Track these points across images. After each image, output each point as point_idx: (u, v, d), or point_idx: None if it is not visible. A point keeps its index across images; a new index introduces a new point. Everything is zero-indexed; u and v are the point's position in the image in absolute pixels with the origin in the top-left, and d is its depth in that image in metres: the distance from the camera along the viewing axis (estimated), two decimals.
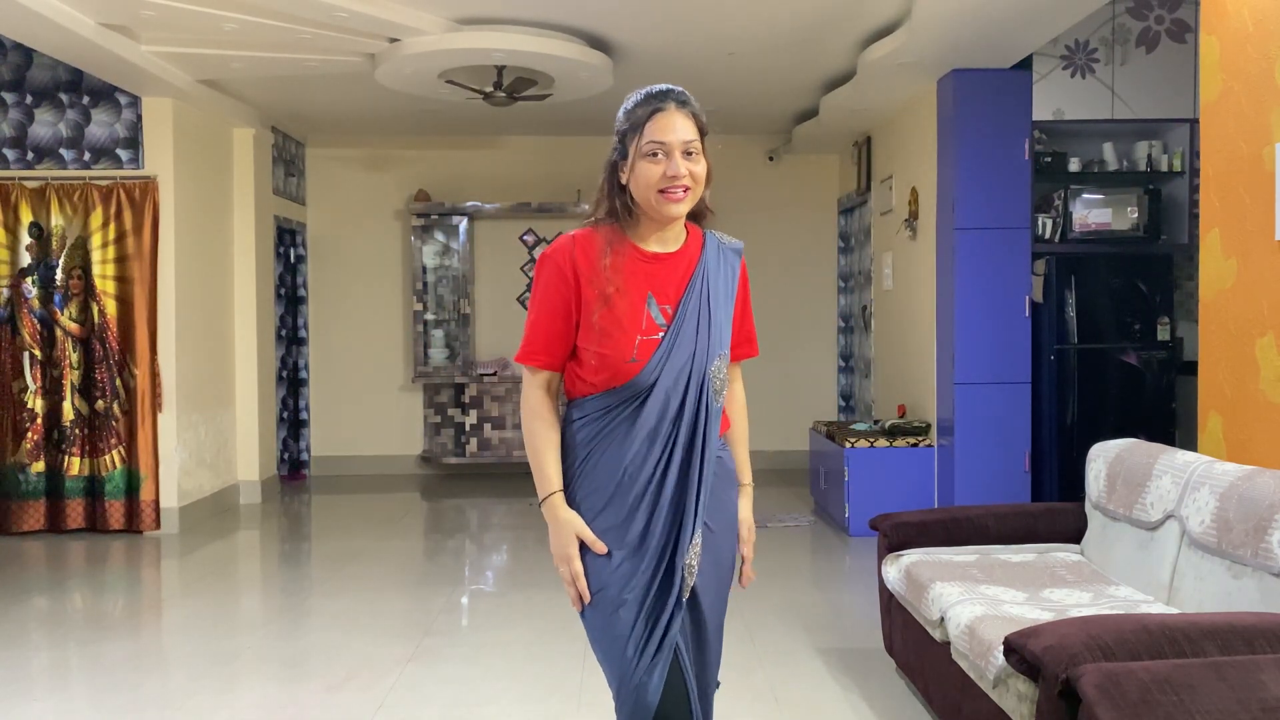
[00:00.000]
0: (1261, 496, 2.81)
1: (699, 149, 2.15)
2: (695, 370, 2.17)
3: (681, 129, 2.13)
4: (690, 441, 2.17)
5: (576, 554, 2.16)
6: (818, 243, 9.27)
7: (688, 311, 2.18)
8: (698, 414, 2.17)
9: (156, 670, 4.17)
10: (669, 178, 2.12)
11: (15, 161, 6.75)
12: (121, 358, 6.67)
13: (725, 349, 2.23)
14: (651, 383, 2.14)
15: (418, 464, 9.24)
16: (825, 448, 7.00)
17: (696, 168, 2.14)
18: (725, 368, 2.22)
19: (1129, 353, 6.26)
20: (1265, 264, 3.47)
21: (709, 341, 2.18)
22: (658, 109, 2.15)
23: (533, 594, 5.18)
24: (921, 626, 3.45)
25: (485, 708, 3.70)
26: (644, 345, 2.15)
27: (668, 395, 2.15)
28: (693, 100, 2.21)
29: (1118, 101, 6.18)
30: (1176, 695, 2.11)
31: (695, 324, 2.18)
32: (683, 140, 2.13)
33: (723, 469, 2.28)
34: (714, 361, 2.19)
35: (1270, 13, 3.44)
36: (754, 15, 5.67)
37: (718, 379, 2.20)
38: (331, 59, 6.24)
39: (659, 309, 2.17)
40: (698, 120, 2.17)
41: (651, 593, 2.15)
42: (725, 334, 2.23)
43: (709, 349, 2.18)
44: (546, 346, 2.21)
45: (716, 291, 2.22)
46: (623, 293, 2.16)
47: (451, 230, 9.10)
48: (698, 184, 2.16)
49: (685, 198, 2.15)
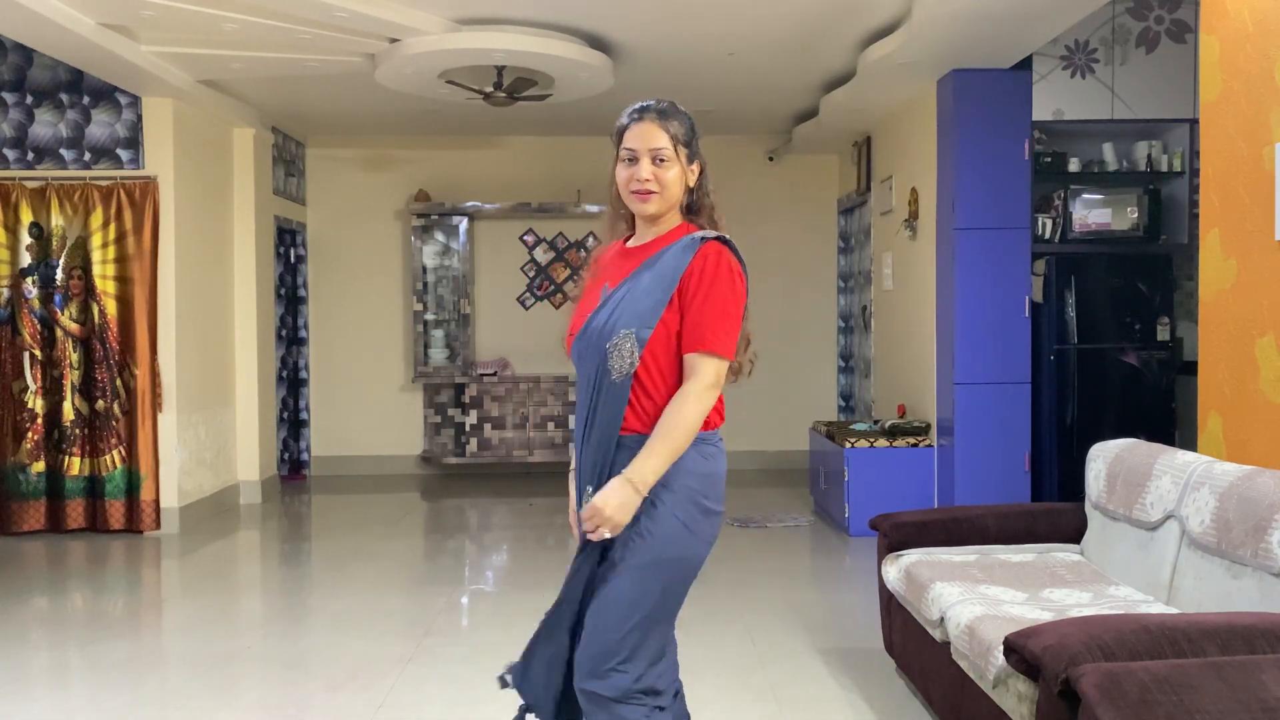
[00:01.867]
0: (1261, 496, 2.81)
1: (671, 156, 2.37)
2: (596, 346, 2.35)
3: (651, 137, 2.36)
4: (590, 415, 2.37)
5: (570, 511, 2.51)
6: (818, 243, 9.27)
7: (615, 294, 2.39)
8: (594, 389, 2.36)
9: (156, 670, 4.17)
10: (636, 180, 2.37)
11: (15, 161, 6.75)
12: (121, 358, 6.67)
13: (633, 329, 2.31)
14: (576, 355, 2.43)
15: (418, 464, 9.24)
16: (825, 448, 7.00)
17: (665, 173, 2.37)
18: (631, 348, 2.30)
19: (1129, 353, 6.27)
20: (1265, 264, 3.47)
21: (611, 318, 2.34)
22: (635, 120, 2.40)
23: (533, 594, 5.17)
24: (921, 626, 3.45)
25: (485, 708, 3.70)
26: (575, 323, 2.46)
27: (581, 369, 2.42)
28: (676, 113, 2.43)
29: (1118, 101, 6.18)
30: (1176, 695, 2.11)
31: (613, 306, 2.36)
32: (651, 148, 2.37)
33: (630, 459, 2.32)
34: (613, 339, 2.32)
35: (1270, 13, 3.44)
36: (754, 15, 5.67)
37: (615, 356, 2.31)
38: (331, 59, 6.24)
39: (609, 292, 2.42)
40: (674, 130, 2.38)
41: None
42: (638, 315, 2.32)
43: (613, 325, 2.33)
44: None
45: (654, 276, 2.34)
46: (594, 282, 2.49)
47: (451, 230, 9.10)
48: (664, 187, 2.38)
49: (651, 199, 2.38)
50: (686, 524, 2.36)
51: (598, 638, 2.35)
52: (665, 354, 2.34)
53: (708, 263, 2.33)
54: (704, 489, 2.38)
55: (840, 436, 6.69)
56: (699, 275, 2.32)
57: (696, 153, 2.44)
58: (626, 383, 2.31)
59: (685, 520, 2.35)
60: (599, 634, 2.35)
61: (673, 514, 2.34)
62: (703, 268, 2.33)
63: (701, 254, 2.33)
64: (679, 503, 2.35)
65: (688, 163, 2.42)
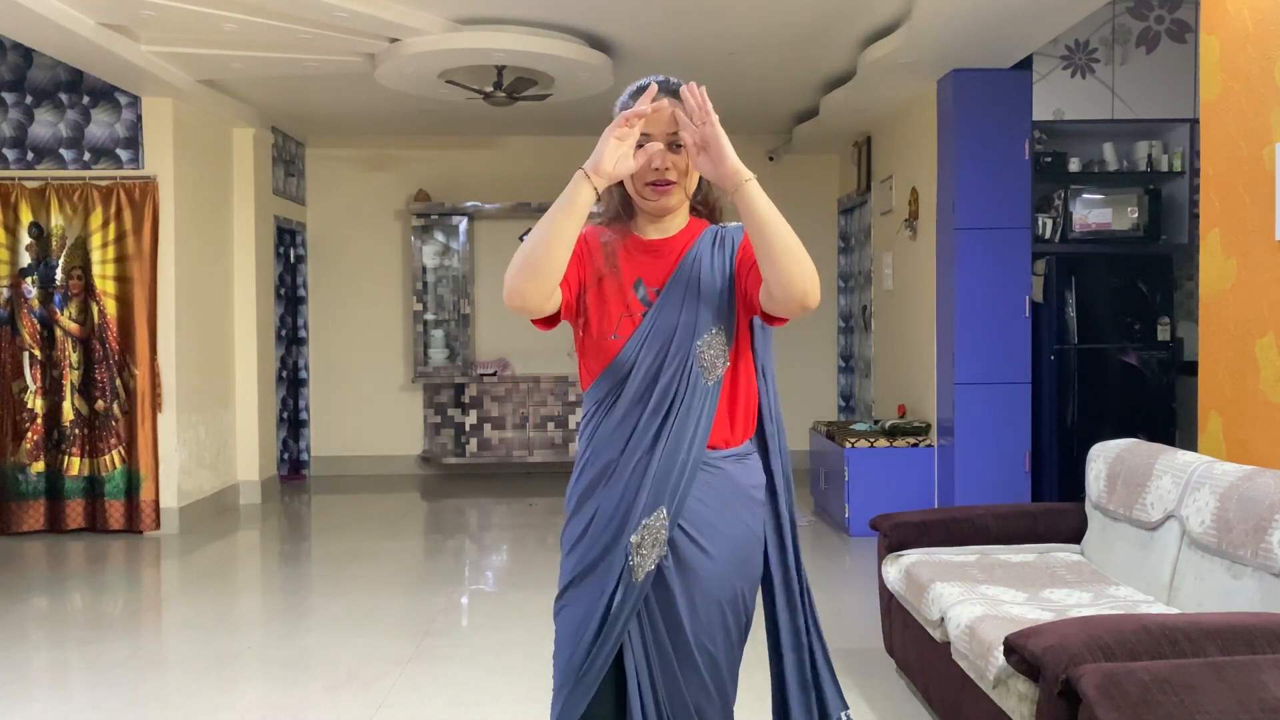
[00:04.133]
0: (1261, 496, 2.80)
1: (687, 140, 2.07)
2: (677, 348, 2.10)
3: (668, 120, 2.08)
4: (665, 418, 2.08)
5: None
6: (818, 243, 9.26)
7: (672, 293, 2.13)
8: (679, 390, 2.08)
9: (156, 670, 4.17)
10: (654, 169, 2.10)
11: (15, 161, 6.75)
12: (121, 358, 6.67)
13: (718, 328, 2.11)
14: (633, 360, 2.11)
15: (418, 464, 9.24)
16: (825, 448, 6.99)
17: (682, 162, 2.11)
18: (720, 346, 2.10)
19: (1129, 353, 6.26)
20: (1265, 264, 3.47)
21: (695, 320, 2.10)
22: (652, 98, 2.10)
23: (533, 594, 5.18)
24: (921, 626, 3.45)
25: (485, 708, 3.70)
26: (625, 323, 2.13)
27: (648, 374, 2.10)
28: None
29: (1118, 101, 6.18)
30: (1176, 695, 2.10)
31: (680, 304, 2.12)
32: (668, 132, 2.09)
33: (727, 482, 2.12)
34: (701, 338, 2.09)
35: (1270, 13, 3.44)
36: (754, 15, 5.67)
37: (706, 355, 2.09)
38: (331, 59, 6.24)
39: (646, 290, 2.15)
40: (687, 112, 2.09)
41: (596, 571, 2.08)
42: (719, 313, 2.12)
43: (695, 327, 2.10)
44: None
45: (709, 273, 2.14)
46: (613, 275, 2.15)
47: (451, 230, 9.09)
48: (684, 177, 2.13)
49: (673, 190, 2.13)
50: (761, 543, 2.20)
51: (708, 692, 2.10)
52: (743, 354, 2.18)
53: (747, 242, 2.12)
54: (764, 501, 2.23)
55: (840, 436, 6.69)
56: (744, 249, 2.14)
57: None
58: (718, 385, 2.11)
59: (761, 539, 2.20)
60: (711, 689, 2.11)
61: (755, 534, 2.17)
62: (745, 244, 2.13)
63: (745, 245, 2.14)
64: (758, 520, 2.17)
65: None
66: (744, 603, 2.16)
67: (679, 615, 2.09)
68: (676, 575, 2.09)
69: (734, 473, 2.14)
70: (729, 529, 2.12)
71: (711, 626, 2.11)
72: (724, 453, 2.14)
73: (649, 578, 2.07)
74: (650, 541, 2.06)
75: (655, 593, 2.09)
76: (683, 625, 2.08)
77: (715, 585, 2.10)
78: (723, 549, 2.11)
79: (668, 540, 2.08)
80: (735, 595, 2.13)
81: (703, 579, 2.09)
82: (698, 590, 2.09)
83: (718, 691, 2.13)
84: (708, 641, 2.11)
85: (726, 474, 2.13)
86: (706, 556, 2.10)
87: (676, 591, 2.08)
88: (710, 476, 2.11)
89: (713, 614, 2.11)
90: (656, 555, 2.07)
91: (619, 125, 2.03)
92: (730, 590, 2.12)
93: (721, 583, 2.11)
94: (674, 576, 2.08)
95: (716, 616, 2.11)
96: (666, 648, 2.09)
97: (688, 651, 2.10)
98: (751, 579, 2.18)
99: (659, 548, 2.07)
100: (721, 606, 2.11)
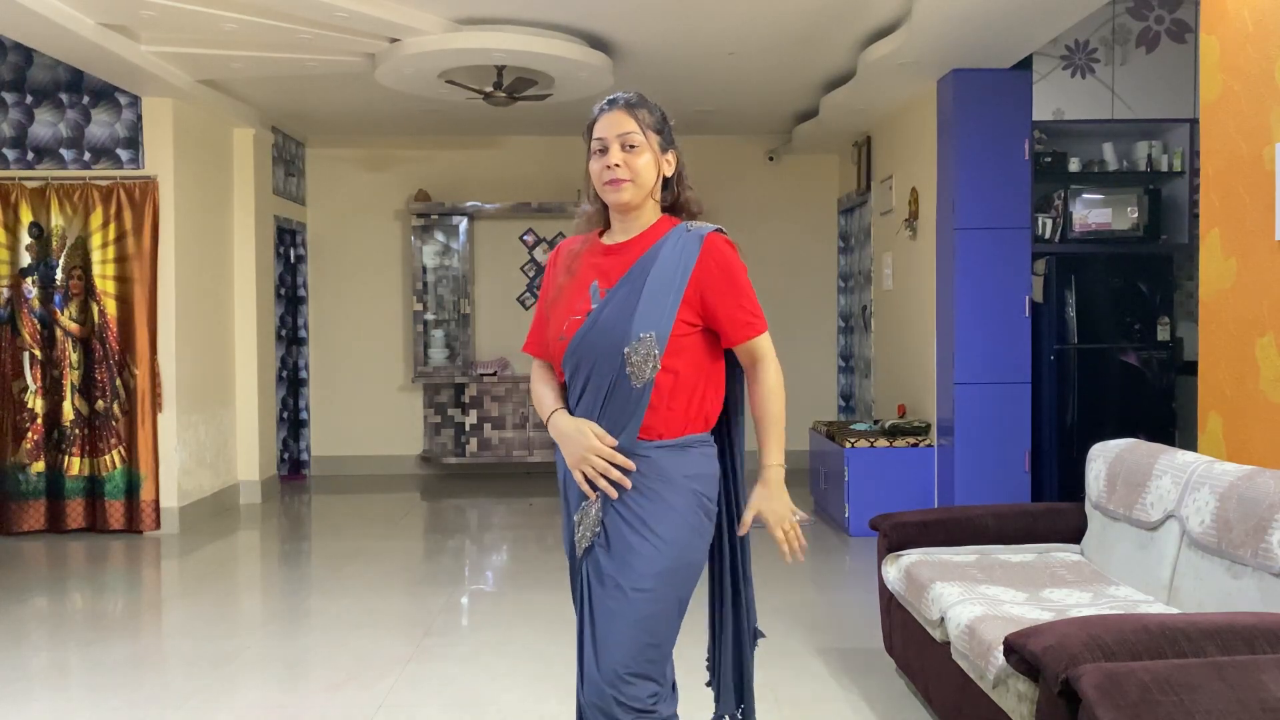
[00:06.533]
0: (1261, 496, 2.80)
1: (641, 142, 2.29)
2: (609, 351, 2.25)
3: (619, 124, 2.29)
4: (600, 414, 2.28)
5: (597, 441, 2.25)
6: (818, 243, 9.27)
7: (618, 294, 2.28)
8: (609, 389, 2.26)
9: (156, 671, 4.17)
10: (607, 168, 2.29)
11: (15, 161, 6.75)
12: (121, 358, 6.67)
13: (649, 333, 2.23)
14: (574, 362, 2.31)
15: (418, 464, 9.24)
16: (825, 448, 6.99)
17: (636, 159, 2.29)
18: (648, 350, 2.23)
19: (1129, 353, 6.26)
20: (1265, 264, 3.47)
21: (630, 324, 2.24)
22: (604, 111, 2.34)
23: (533, 594, 5.18)
24: (921, 626, 3.45)
25: (485, 708, 3.70)
26: (571, 325, 2.32)
27: (585, 374, 2.30)
28: (644, 103, 2.35)
29: (1118, 101, 6.18)
30: (1176, 695, 2.11)
31: (621, 306, 2.27)
32: (618, 134, 2.29)
33: (654, 469, 2.27)
34: (629, 344, 2.23)
35: (1270, 13, 3.44)
36: (754, 15, 5.67)
37: (633, 360, 2.23)
38: (331, 59, 6.24)
39: (599, 290, 2.32)
40: (643, 117, 2.31)
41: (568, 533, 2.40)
42: (658, 317, 2.24)
43: (630, 330, 2.24)
44: (537, 336, 2.48)
45: (660, 276, 2.27)
46: (573, 280, 2.37)
47: (451, 230, 9.09)
48: (636, 174, 2.30)
49: (624, 187, 2.30)
50: (695, 529, 2.32)
51: (617, 653, 2.26)
52: (683, 354, 2.28)
53: (723, 255, 2.29)
54: (708, 491, 2.35)
55: (840, 436, 6.69)
56: (719, 269, 2.28)
57: (671, 142, 2.37)
58: (648, 387, 2.24)
59: (694, 525, 2.32)
60: (618, 650, 2.26)
61: (685, 519, 2.29)
62: (720, 261, 2.29)
63: (709, 247, 2.29)
64: (690, 508, 2.30)
65: (661, 151, 2.34)
66: (674, 579, 2.28)
67: (609, 589, 2.28)
68: (608, 554, 2.29)
69: (663, 462, 2.28)
70: (656, 513, 2.27)
71: (657, 594, 2.26)
72: (656, 443, 2.28)
73: (587, 553, 2.32)
74: (589, 523, 2.30)
75: (592, 566, 2.32)
76: (606, 602, 2.27)
77: (644, 563, 2.26)
78: (649, 532, 2.26)
79: (600, 521, 2.29)
80: (663, 572, 2.26)
81: (629, 559, 2.26)
82: (626, 568, 2.26)
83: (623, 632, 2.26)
84: (648, 606, 2.26)
85: (654, 462, 2.27)
86: (636, 536, 2.26)
87: (607, 569, 2.28)
88: (641, 464, 2.27)
89: (658, 584, 2.26)
90: (591, 535, 2.30)
91: (590, 470, 2.27)
92: (658, 568, 2.26)
93: (649, 561, 2.26)
94: (604, 555, 2.29)
95: (661, 585, 2.27)
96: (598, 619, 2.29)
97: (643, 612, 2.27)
98: (682, 560, 2.30)
99: (596, 527, 2.29)
100: (666, 575, 2.27)
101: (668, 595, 2.27)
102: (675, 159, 2.39)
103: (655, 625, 2.27)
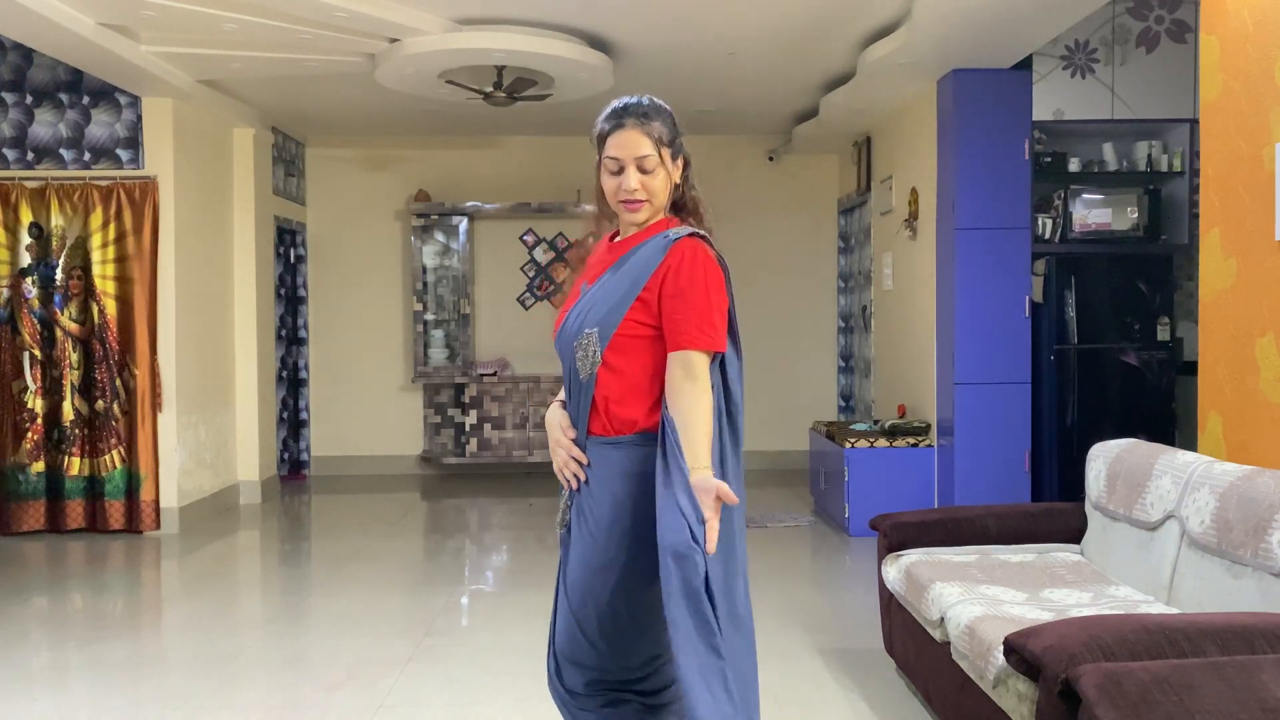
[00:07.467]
0: (1261, 496, 2.81)
1: (657, 163, 2.32)
2: (569, 344, 2.36)
3: (635, 145, 2.31)
4: (574, 406, 2.37)
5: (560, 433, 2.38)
6: (818, 243, 9.27)
7: (592, 290, 2.38)
8: (573, 381, 2.36)
9: (156, 670, 4.17)
10: (625, 191, 2.33)
11: (15, 161, 6.75)
12: (121, 358, 6.67)
13: (594, 329, 2.30)
14: (558, 353, 2.43)
15: (418, 464, 9.24)
16: (825, 448, 6.99)
17: (653, 181, 2.33)
18: (590, 347, 2.29)
19: (1129, 353, 6.27)
20: (1265, 264, 3.47)
21: (580, 316, 2.35)
22: (617, 126, 2.33)
23: (533, 594, 5.18)
24: (921, 626, 3.45)
25: (485, 708, 3.70)
26: (558, 319, 2.46)
27: (565, 367, 2.40)
28: (657, 112, 2.35)
29: (1118, 101, 6.18)
30: (1176, 695, 2.11)
31: (591, 302, 2.35)
32: (636, 156, 2.31)
33: (602, 462, 2.32)
34: (580, 337, 2.32)
35: (1270, 13, 3.44)
36: (754, 15, 5.67)
37: (579, 354, 2.32)
38: (331, 59, 6.24)
39: (586, 289, 2.42)
40: (658, 133, 2.32)
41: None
42: (606, 314, 2.30)
43: (581, 323, 2.33)
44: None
45: (625, 275, 2.32)
46: (577, 276, 2.50)
47: (451, 230, 9.09)
48: (654, 195, 2.35)
49: (641, 208, 2.36)
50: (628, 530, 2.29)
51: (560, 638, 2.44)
52: (630, 353, 2.28)
53: (683, 260, 2.27)
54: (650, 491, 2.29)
55: (840, 436, 6.69)
56: (673, 272, 2.27)
57: (680, 149, 2.38)
58: (591, 382, 2.30)
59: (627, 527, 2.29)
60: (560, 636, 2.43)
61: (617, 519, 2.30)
62: (676, 265, 2.27)
63: (674, 252, 2.28)
64: (623, 508, 2.30)
65: (672, 161, 2.36)
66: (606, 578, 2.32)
67: (562, 575, 2.41)
68: (570, 542, 2.39)
69: (603, 458, 2.34)
70: (601, 505, 2.32)
71: (586, 588, 2.33)
72: (600, 439, 2.34)
73: (562, 539, 2.45)
74: (562, 510, 2.44)
75: (562, 551, 2.44)
76: (567, 585, 2.39)
77: (592, 553, 2.32)
78: (597, 523, 2.32)
79: (568, 509, 2.41)
80: (597, 569, 2.32)
81: (581, 548, 2.35)
82: (577, 556, 2.35)
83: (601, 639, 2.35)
84: (579, 599, 2.35)
85: (596, 457, 2.35)
86: (586, 525, 2.34)
87: (569, 555, 2.39)
88: (590, 458, 2.35)
89: (587, 578, 2.33)
90: (562, 522, 2.43)
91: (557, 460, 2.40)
92: (605, 558, 2.31)
93: (596, 552, 2.32)
94: (568, 543, 2.40)
95: (588, 580, 2.33)
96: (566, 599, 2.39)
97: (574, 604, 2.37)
98: (630, 550, 2.30)
99: (565, 515, 2.42)
100: (595, 572, 2.32)
101: (599, 592, 2.32)
102: (683, 163, 2.41)
103: (584, 619, 2.34)
